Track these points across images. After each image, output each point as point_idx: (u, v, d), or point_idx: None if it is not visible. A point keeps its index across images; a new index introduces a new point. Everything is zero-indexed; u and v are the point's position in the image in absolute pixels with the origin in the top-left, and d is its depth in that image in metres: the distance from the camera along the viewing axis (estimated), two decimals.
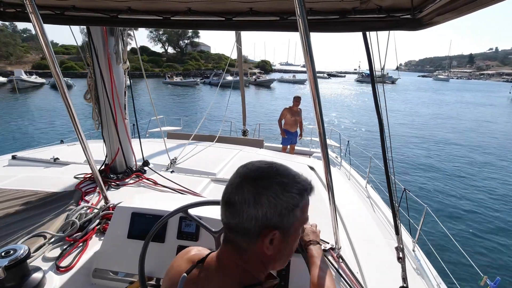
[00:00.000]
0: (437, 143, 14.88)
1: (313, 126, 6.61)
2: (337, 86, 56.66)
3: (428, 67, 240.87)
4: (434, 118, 23.15)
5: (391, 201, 1.39)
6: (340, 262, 1.38)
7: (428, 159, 11.81)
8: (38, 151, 3.32)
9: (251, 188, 0.60)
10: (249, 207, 0.59)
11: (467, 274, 4.73)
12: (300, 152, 6.46)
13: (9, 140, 13.41)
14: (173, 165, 2.82)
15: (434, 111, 27.17)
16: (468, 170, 10.74)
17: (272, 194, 0.59)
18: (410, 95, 43.68)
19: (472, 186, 9.13)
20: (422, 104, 32.60)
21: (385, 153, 1.32)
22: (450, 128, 19.11)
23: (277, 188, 0.59)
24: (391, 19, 1.30)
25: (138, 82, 42.09)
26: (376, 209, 2.88)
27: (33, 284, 1.13)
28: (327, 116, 21.12)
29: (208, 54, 71.58)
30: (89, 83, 2.26)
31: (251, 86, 44.27)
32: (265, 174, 0.61)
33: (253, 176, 0.61)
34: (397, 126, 18.15)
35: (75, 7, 1.63)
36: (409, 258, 2.09)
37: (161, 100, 27.58)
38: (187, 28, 1.80)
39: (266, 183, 0.60)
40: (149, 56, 59.38)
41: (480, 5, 0.91)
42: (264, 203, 0.58)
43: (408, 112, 25.59)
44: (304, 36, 1.00)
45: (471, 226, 6.68)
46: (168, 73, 48.66)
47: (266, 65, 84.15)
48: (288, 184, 0.61)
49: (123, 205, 1.51)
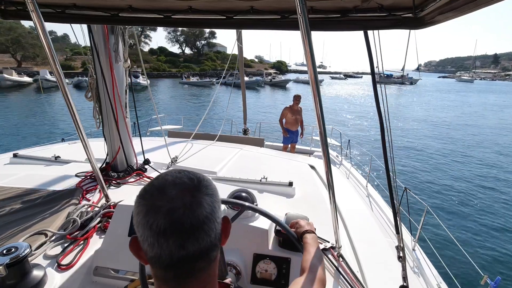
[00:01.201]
0: (447, 144, 14.60)
1: (313, 126, 6.61)
2: (353, 87, 54.37)
3: (449, 67, 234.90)
4: (457, 119, 22.07)
5: (391, 200, 1.39)
6: (340, 261, 1.38)
7: (432, 160, 11.80)
8: (40, 149, 3.33)
9: (204, 193, 0.51)
10: (218, 212, 0.52)
11: (467, 273, 4.73)
12: (300, 151, 6.46)
13: (30, 137, 13.62)
14: (174, 163, 2.83)
15: (461, 114, 25.32)
16: (470, 170, 10.72)
17: (212, 190, 0.53)
18: (431, 97, 41.44)
19: (473, 186, 9.12)
20: (452, 108, 29.61)
21: (386, 152, 1.32)
22: (468, 131, 18.31)
23: (209, 184, 0.54)
24: (393, 18, 1.29)
25: (156, 82, 41.90)
26: (376, 208, 2.88)
27: (34, 282, 1.13)
28: (341, 118, 20.68)
29: (224, 55, 71.42)
30: (90, 81, 2.27)
31: (266, 87, 44.02)
32: (194, 178, 0.52)
33: (193, 184, 0.51)
34: (416, 133, 16.89)
35: (76, 5, 1.63)
36: (410, 257, 2.09)
37: (178, 100, 27.85)
38: (188, 27, 1.80)
39: (204, 184, 0.52)
40: (167, 57, 60.25)
41: (481, 4, 0.91)
42: (219, 200, 0.53)
43: (432, 117, 23.36)
44: (305, 35, 1.00)
45: (472, 225, 6.68)
46: (185, 73, 49.16)
47: (282, 65, 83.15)
48: (207, 186, 0.53)
49: (124, 204, 1.52)
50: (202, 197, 0.50)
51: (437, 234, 5.63)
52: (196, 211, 0.48)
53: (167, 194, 0.48)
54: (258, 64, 79.19)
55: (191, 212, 0.48)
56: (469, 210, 7.38)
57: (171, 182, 0.50)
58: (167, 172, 0.54)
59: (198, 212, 0.48)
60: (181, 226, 0.47)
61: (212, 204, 0.51)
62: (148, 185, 0.53)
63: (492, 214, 7.25)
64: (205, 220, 0.49)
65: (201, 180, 0.53)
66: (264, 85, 44.77)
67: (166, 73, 52.31)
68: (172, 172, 0.54)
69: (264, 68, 69.81)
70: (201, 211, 0.49)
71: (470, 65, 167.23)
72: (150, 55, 58.32)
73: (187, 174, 0.53)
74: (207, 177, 0.55)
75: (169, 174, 0.53)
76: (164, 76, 51.49)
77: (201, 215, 0.48)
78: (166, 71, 53.13)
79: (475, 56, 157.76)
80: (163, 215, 0.47)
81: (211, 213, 0.50)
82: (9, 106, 21.49)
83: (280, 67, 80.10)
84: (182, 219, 0.47)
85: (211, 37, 68.17)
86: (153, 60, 56.06)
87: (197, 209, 0.48)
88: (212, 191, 0.53)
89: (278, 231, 1.31)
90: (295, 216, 1.30)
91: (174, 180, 0.51)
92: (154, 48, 64.41)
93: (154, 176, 2.39)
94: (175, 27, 3.72)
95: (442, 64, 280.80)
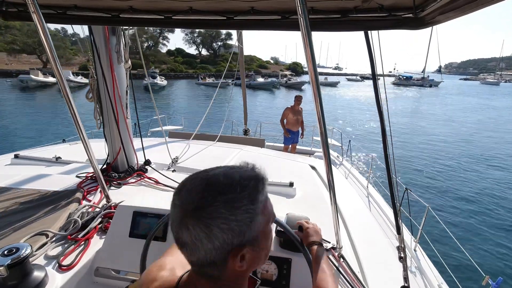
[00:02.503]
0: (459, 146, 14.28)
1: (314, 126, 6.61)
2: (370, 89, 52.05)
3: (471, 69, 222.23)
4: (482, 124, 20.77)
5: (392, 201, 1.39)
6: (341, 262, 1.38)
7: (433, 160, 11.77)
8: (41, 150, 3.34)
9: (196, 222, 0.50)
10: (203, 243, 0.51)
11: (468, 273, 4.71)
12: (301, 151, 6.46)
13: (49, 134, 13.76)
14: (175, 164, 2.83)
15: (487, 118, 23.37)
16: (472, 170, 10.70)
17: (222, 221, 0.50)
18: (454, 100, 39.05)
19: (474, 186, 9.10)
20: (479, 112, 27.20)
21: (387, 153, 1.31)
22: (488, 134, 17.39)
23: (224, 211, 0.50)
24: (393, 18, 1.29)
25: (173, 83, 42.24)
26: (377, 209, 2.88)
27: (35, 283, 1.13)
28: (353, 119, 20.19)
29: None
30: (91, 82, 2.27)
31: (281, 88, 43.80)
32: (204, 200, 0.51)
33: (192, 208, 0.51)
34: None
35: (77, 7, 1.64)
36: (411, 257, 2.09)
37: (193, 100, 27.98)
38: (188, 28, 1.81)
39: (209, 211, 0.50)
40: (184, 58, 61.01)
41: (482, 4, 0.91)
42: (217, 233, 0.50)
43: (456, 121, 21.64)
44: (306, 35, 1.00)
45: (473, 226, 6.66)
46: (201, 74, 49.54)
47: (298, 67, 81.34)
48: (235, 198, 0.51)
49: (125, 204, 1.52)
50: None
51: (438, 235, 5.61)
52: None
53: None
54: (273, 66, 78.71)
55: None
56: (469, 211, 7.37)
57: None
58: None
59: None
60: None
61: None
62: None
63: (494, 215, 7.23)
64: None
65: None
66: (279, 86, 44.62)
67: (183, 74, 53.19)
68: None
69: (279, 69, 69.24)
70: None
71: (495, 66, 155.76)
72: (168, 56, 59.14)
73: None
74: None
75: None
76: (181, 77, 52.23)
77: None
78: (183, 72, 53.98)
79: (500, 57, 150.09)
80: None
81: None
82: (34, 106, 22.11)
83: (296, 68, 78.99)
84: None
85: (228, 38, 68.03)
86: (171, 61, 57.01)
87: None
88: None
89: (279, 231, 1.31)
90: (296, 217, 1.30)
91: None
92: (171, 49, 65.28)
93: (154, 176, 2.39)
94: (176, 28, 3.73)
95: (464, 65, 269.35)
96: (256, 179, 0.56)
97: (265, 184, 0.57)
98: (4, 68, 40.00)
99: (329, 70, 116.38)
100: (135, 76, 15.31)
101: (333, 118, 20.76)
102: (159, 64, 53.05)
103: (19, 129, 15.13)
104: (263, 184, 0.56)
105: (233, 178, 0.54)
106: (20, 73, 32.57)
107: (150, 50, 55.87)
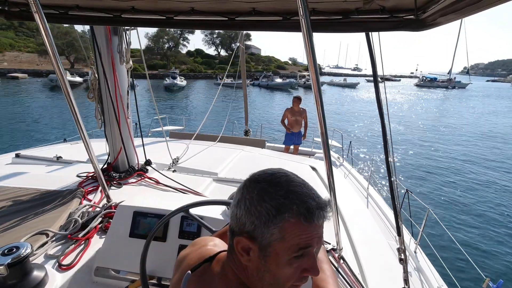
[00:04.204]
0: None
1: (314, 125, 6.60)
2: (389, 90, 46.28)
3: (499, 70, 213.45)
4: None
5: (393, 202, 1.38)
6: (341, 263, 1.38)
7: (434, 161, 11.74)
8: (41, 149, 3.34)
9: (243, 188, 0.60)
10: (234, 205, 0.60)
11: (469, 276, 4.70)
12: (302, 152, 6.45)
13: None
14: (175, 164, 2.83)
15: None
16: (474, 170, 10.67)
17: (249, 198, 0.56)
18: (482, 103, 35.84)
19: (476, 187, 9.08)
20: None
21: (388, 154, 1.31)
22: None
23: (256, 194, 0.56)
24: (394, 19, 1.29)
25: (192, 83, 42.41)
26: (377, 210, 2.88)
27: (35, 282, 1.13)
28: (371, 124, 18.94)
29: (259, 57, 72.02)
30: (92, 82, 2.28)
31: (300, 89, 43.33)
32: (259, 178, 0.59)
33: (251, 178, 0.60)
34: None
35: (79, 7, 1.64)
36: (411, 259, 2.09)
37: (211, 100, 27.88)
38: (190, 28, 1.81)
39: (252, 187, 0.58)
40: (203, 58, 61.42)
41: (483, 6, 0.91)
42: (241, 205, 0.57)
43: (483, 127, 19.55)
44: (307, 36, 1.00)
45: (474, 228, 6.64)
46: (220, 75, 49.59)
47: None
48: (269, 193, 0.55)
49: (125, 204, 1.52)
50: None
51: (438, 236, 5.60)
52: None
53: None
54: (291, 66, 78.09)
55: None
56: (472, 212, 7.35)
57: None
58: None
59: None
60: None
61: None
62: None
63: (495, 217, 7.22)
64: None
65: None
66: (297, 87, 44.41)
67: (202, 74, 53.88)
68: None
69: (297, 70, 68.79)
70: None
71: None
72: (188, 57, 59.77)
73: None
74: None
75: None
76: (200, 77, 52.84)
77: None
78: (202, 73, 54.64)
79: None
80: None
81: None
82: (63, 106, 22.04)
83: None
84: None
85: (246, 39, 67.47)
86: (190, 62, 57.75)
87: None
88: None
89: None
90: None
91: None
92: (191, 50, 65.88)
93: (155, 177, 2.39)
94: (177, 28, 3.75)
95: (491, 67, 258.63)
96: (305, 204, 0.54)
97: (307, 218, 0.54)
98: (36, 68, 41.93)
99: (348, 71, 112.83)
100: (156, 76, 15.53)
101: (347, 120, 20.10)
102: (179, 64, 53.73)
103: (49, 124, 15.56)
104: (299, 213, 0.53)
105: (295, 185, 0.57)
106: (50, 73, 33.79)
107: (171, 51, 56.77)
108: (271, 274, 0.57)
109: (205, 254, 0.72)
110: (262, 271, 0.58)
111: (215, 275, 0.66)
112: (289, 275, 0.57)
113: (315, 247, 0.57)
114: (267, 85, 42.27)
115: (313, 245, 0.56)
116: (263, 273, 0.58)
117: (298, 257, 0.55)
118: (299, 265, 0.56)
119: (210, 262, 0.69)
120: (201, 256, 0.72)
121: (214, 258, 0.69)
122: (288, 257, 0.55)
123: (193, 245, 0.79)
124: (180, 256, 0.77)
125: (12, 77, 36.86)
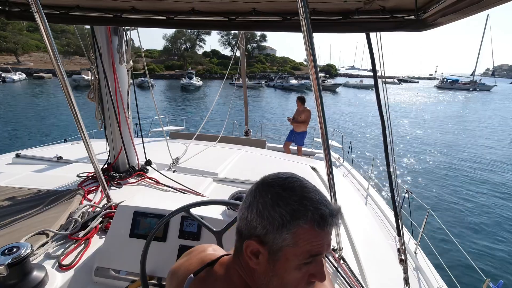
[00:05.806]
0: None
1: (315, 125, 6.60)
2: (407, 93, 47.69)
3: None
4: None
5: (393, 203, 1.38)
6: (341, 263, 1.38)
7: (434, 161, 11.73)
8: (42, 149, 3.34)
9: (255, 190, 0.59)
10: (245, 207, 0.59)
11: (469, 276, 4.69)
12: (302, 152, 6.45)
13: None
14: (176, 164, 2.83)
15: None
16: (474, 171, 10.66)
17: (262, 202, 0.56)
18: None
19: (476, 188, 9.07)
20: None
21: (388, 155, 1.31)
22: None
23: (269, 198, 0.56)
24: (395, 20, 1.29)
25: (208, 83, 42.72)
26: (378, 211, 2.88)
27: (35, 282, 1.13)
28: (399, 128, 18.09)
29: (274, 58, 71.85)
30: (93, 82, 2.28)
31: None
32: (272, 182, 0.58)
33: (264, 182, 0.60)
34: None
35: (80, 7, 1.64)
36: (411, 259, 2.09)
37: (227, 99, 27.90)
38: (190, 28, 1.82)
39: (265, 190, 0.57)
40: (219, 59, 61.61)
41: (484, 6, 0.91)
42: (253, 209, 0.57)
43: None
44: (307, 37, 1.00)
45: (474, 228, 6.64)
46: (235, 75, 49.69)
47: (331, 69, 79.05)
48: (283, 198, 0.55)
49: (125, 204, 1.52)
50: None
51: (439, 237, 5.60)
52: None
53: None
54: (307, 67, 76.44)
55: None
56: (472, 212, 7.34)
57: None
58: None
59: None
60: None
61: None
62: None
63: (496, 218, 7.21)
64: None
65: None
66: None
67: (218, 75, 54.35)
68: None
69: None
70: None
71: None
72: (204, 58, 60.29)
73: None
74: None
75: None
76: (216, 77, 53.34)
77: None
78: (218, 73, 55.14)
79: None
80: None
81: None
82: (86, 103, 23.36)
83: (330, 70, 76.68)
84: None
85: (262, 40, 68.61)
86: (206, 62, 58.47)
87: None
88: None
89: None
90: None
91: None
92: (207, 51, 66.14)
93: (155, 177, 2.39)
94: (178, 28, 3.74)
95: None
96: (318, 211, 0.54)
97: (320, 224, 0.54)
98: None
99: (364, 72, 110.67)
100: (173, 76, 15.56)
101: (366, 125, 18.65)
102: (195, 65, 54.47)
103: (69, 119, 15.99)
104: (312, 219, 0.54)
105: (309, 191, 0.57)
106: (73, 73, 34.75)
107: (188, 52, 57.39)
108: (279, 278, 0.58)
109: (207, 259, 0.71)
110: (270, 275, 0.58)
111: (218, 278, 0.65)
112: (297, 280, 0.58)
113: (324, 254, 0.58)
114: (282, 86, 42.11)
115: (323, 252, 0.57)
116: (271, 277, 0.58)
117: (307, 263, 0.56)
118: (307, 270, 0.57)
119: (212, 266, 0.68)
120: (202, 261, 0.72)
121: (216, 262, 0.69)
122: (298, 262, 0.56)
123: (188, 254, 0.77)
124: (174, 267, 0.75)
125: (38, 77, 39.25)
